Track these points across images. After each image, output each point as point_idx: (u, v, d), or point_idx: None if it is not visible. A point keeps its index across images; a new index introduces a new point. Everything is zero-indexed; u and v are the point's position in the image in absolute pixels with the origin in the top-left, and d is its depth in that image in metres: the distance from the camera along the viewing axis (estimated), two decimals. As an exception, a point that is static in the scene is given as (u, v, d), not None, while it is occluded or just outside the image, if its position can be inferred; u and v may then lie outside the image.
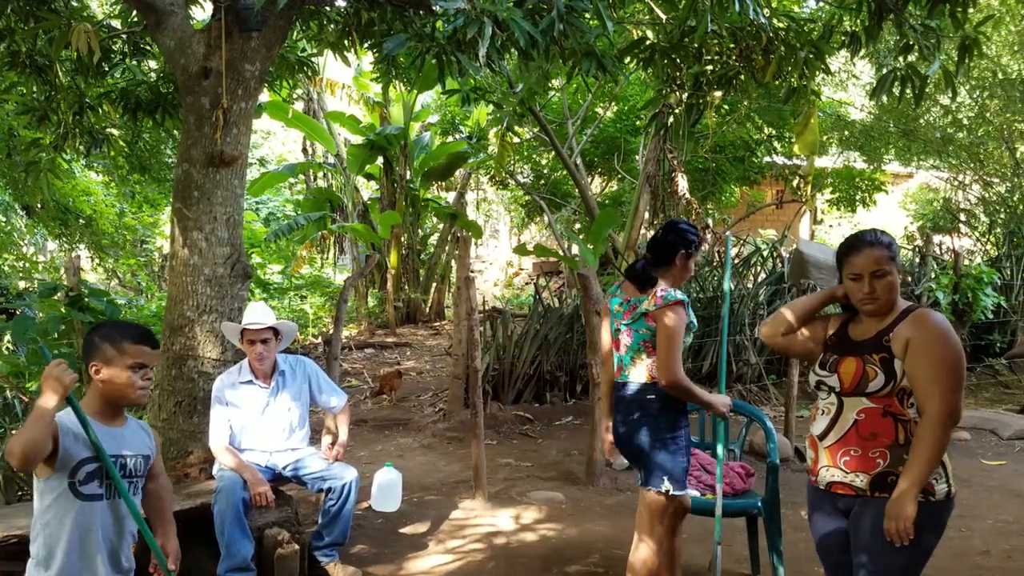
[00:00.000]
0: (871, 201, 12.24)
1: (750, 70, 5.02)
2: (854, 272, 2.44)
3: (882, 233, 2.51)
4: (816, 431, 2.49)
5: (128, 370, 2.30)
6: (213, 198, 4.26)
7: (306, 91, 13.75)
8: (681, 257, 3.26)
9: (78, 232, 12.38)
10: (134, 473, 2.39)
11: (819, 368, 2.53)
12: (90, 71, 5.45)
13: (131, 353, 2.30)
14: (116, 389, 2.32)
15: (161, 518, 2.56)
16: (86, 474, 2.25)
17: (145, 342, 2.34)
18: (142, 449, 2.44)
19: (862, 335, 2.51)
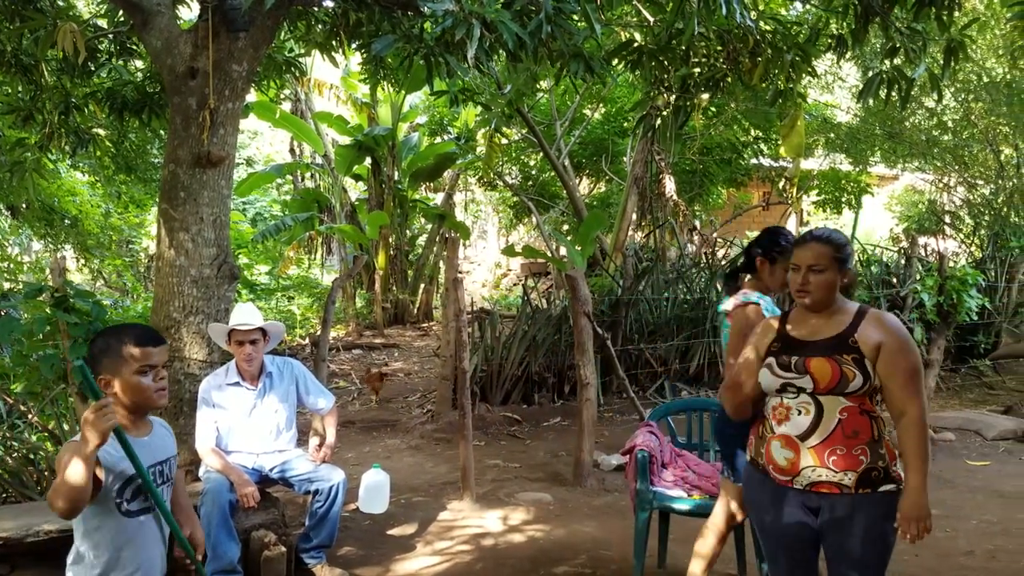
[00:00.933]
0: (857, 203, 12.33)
1: (737, 72, 5.05)
2: (794, 263, 2.56)
3: (837, 233, 2.59)
4: (794, 432, 2.47)
5: (138, 375, 2.21)
6: (200, 199, 4.24)
7: (294, 91, 13.72)
8: (760, 263, 3.24)
9: (63, 233, 12.30)
10: (169, 476, 2.37)
11: (781, 370, 2.50)
12: (76, 71, 5.42)
13: (136, 357, 2.21)
14: (133, 396, 2.24)
15: (183, 510, 2.56)
16: (131, 492, 2.22)
17: (148, 342, 2.25)
18: (171, 450, 2.42)
19: (814, 334, 2.53)
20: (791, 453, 2.47)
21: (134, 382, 2.21)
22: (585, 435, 5.65)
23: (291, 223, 13.46)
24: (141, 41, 4.79)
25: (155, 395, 2.26)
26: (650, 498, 3.75)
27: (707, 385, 8.34)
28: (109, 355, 2.21)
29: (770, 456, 2.52)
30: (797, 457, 2.46)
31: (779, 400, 2.52)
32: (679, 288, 8.80)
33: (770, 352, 2.57)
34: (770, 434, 2.53)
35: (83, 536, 2.22)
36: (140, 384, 2.22)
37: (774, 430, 2.52)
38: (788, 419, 2.49)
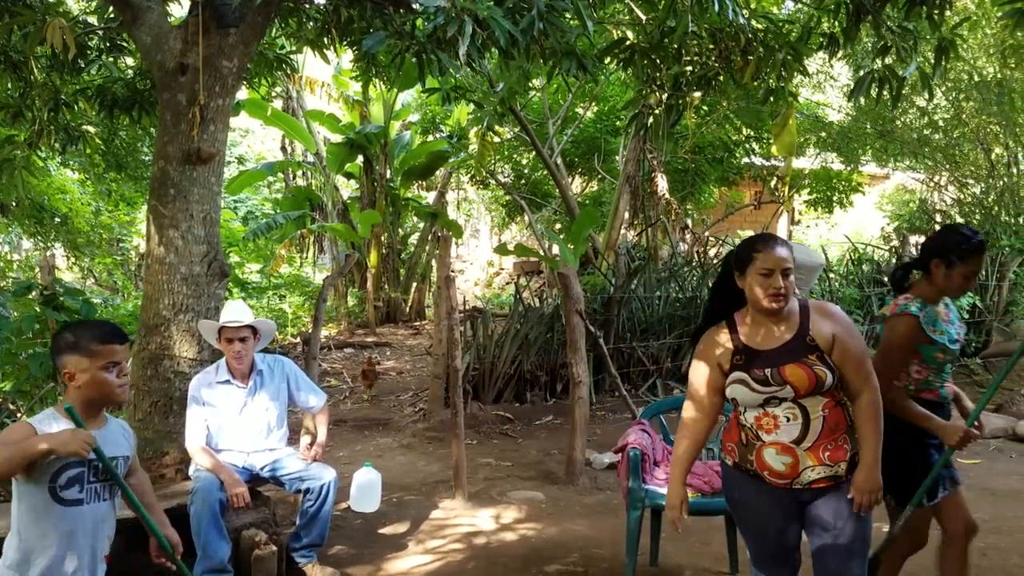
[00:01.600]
0: (848, 202, 12.36)
1: (729, 71, 5.05)
2: (767, 267, 2.47)
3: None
4: (787, 438, 2.48)
5: (102, 371, 2.25)
6: (190, 196, 4.22)
7: (285, 89, 13.69)
8: (935, 265, 2.93)
9: (53, 231, 12.23)
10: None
11: (759, 386, 2.49)
12: (65, 67, 5.39)
13: (102, 354, 2.24)
14: (95, 393, 2.27)
15: (152, 511, 2.55)
16: (67, 479, 2.21)
17: (113, 340, 2.28)
18: (124, 450, 2.41)
19: (773, 341, 2.54)
20: (789, 458, 2.49)
21: (99, 378, 2.24)
22: (577, 433, 5.64)
23: (282, 221, 13.41)
24: (131, 37, 4.76)
25: (117, 391, 2.29)
26: (642, 496, 3.74)
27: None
28: (74, 350, 2.24)
29: (764, 463, 2.52)
30: (796, 461, 2.48)
31: (762, 411, 2.51)
32: (671, 286, 8.81)
33: (735, 367, 2.55)
34: (759, 442, 2.53)
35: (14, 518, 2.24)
36: (104, 380, 2.25)
37: (762, 438, 2.52)
38: (778, 427, 2.49)
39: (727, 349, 2.58)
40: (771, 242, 2.52)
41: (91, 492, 2.27)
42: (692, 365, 2.71)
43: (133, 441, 2.52)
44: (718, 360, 2.59)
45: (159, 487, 4.01)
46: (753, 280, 2.49)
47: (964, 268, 2.87)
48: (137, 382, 4.23)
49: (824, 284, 8.71)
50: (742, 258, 2.53)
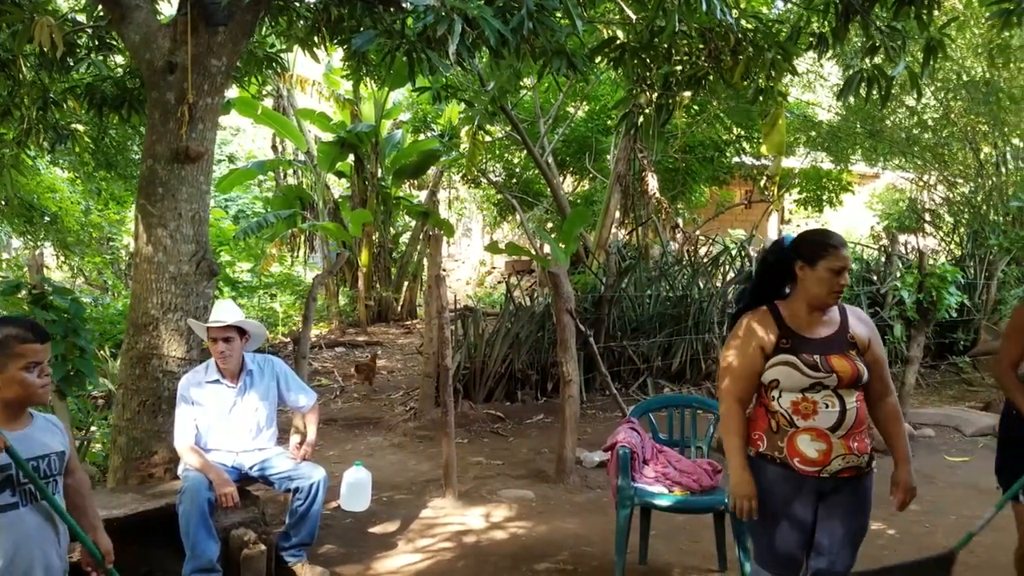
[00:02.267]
0: (838, 201, 12.40)
1: (719, 71, 5.07)
2: (840, 266, 2.58)
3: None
4: (824, 424, 2.57)
5: (23, 371, 2.17)
6: (178, 194, 4.20)
7: (276, 88, 13.65)
8: None
9: (43, 229, 12.17)
10: (49, 473, 2.26)
11: (809, 370, 2.57)
12: (54, 66, 5.36)
13: (22, 354, 2.17)
14: (15, 394, 2.18)
15: (85, 514, 2.43)
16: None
17: (33, 339, 2.20)
18: (55, 446, 2.30)
19: (820, 333, 2.65)
20: (823, 445, 2.57)
21: (19, 378, 2.17)
22: (568, 432, 5.65)
23: (273, 220, 13.37)
24: (119, 36, 4.74)
25: (40, 391, 2.22)
26: (631, 494, 3.75)
27: (689, 382, 8.37)
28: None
29: (796, 449, 2.59)
30: (829, 448, 2.57)
31: (802, 396, 2.58)
32: (662, 286, 8.83)
33: (782, 349, 2.62)
34: (792, 428, 2.59)
35: None
36: (25, 380, 2.18)
37: (797, 424, 2.59)
38: (816, 413, 2.57)
39: (773, 332, 2.64)
40: (841, 241, 2.66)
41: (25, 494, 2.18)
42: (734, 348, 2.71)
43: (67, 437, 2.42)
44: (761, 343, 2.64)
45: (148, 486, 4.02)
46: (822, 274, 2.59)
47: None
48: (125, 381, 4.22)
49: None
50: (815, 252, 2.61)
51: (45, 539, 2.22)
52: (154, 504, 3.73)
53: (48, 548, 2.23)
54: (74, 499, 2.38)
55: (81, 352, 4.75)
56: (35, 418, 2.31)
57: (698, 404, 4.35)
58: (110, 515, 3.55)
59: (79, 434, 5.52)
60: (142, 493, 3.89)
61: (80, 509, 2.39)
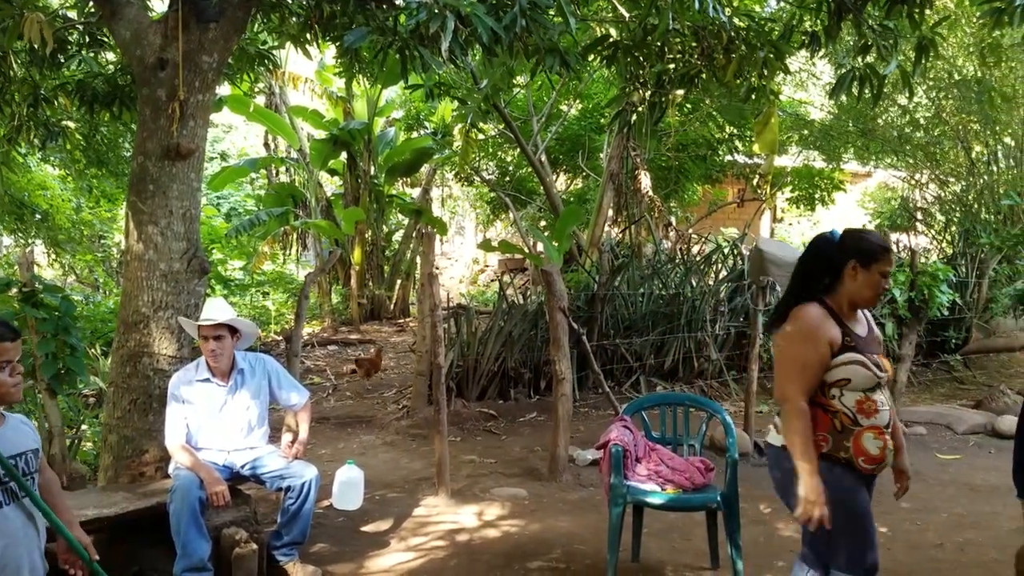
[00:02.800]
0: (830, 200, 12.43)
1: (711, 69, 5.08)
2: (889, 270, 2.68)
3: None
4: (882, 423, 2.63)
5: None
6: (169, 192, 4.18)
7: (268, 85, 13.59)
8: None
9: (34, 227, 12.09)
10: (28, 471, 2.25)
11: (876, 369, 2.63)
12: (44, 62, 5.32)
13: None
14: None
15: (59, 509, 2.40)
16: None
17: (4, 339, 2.17)
18: (29, 444, 2.29)
19: (860, 331, 2.74)
20: (882, 442, 2.64)
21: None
22: (560, 430, 5.65)
23: (265, 218, 13.31)
24: (110, 32, 4.71)
25: (11, 391, 2.18)
26: (624, 492, 3.75)
27: (682, 380, 8.37)
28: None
29: (861, 448, 2.62)
30: (886, 445, 2.64)
31: (864, 395, 2.63)
32: (654, 284, 8.83)
33: (847, 348, 2.64)
34: (856, 427, 2.62)
35: None
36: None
37: (861, 423, 2.62)
38: (878, 412, 2.64)
39: (837, 329, 2.65)
40: (891, 247, 2.74)
41: (8, 493, 2.16)
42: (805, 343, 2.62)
43: (38, 434, 2.41)
44: (831, 339, 2.64)
45: (139, 485, 4.00)
46: (875, 277, 2.65)
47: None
48: (116, 379, 4.20)
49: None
50: (872, 255, 2.64)
51: (28, 538, 2.21)
52: (145, 503, 3.72)
53: (31, 547, 2.22)
54: (46, 497, 2.34)
55: (72, 350, 4.72)
56: (7, 417, 2.28)
57: (691, 402, 4.36)
58: (100, 514, 3.54)
59: (70, 432, 5.48)
60: (133, 492, 3.87)
61: (54, 507, 2.36)
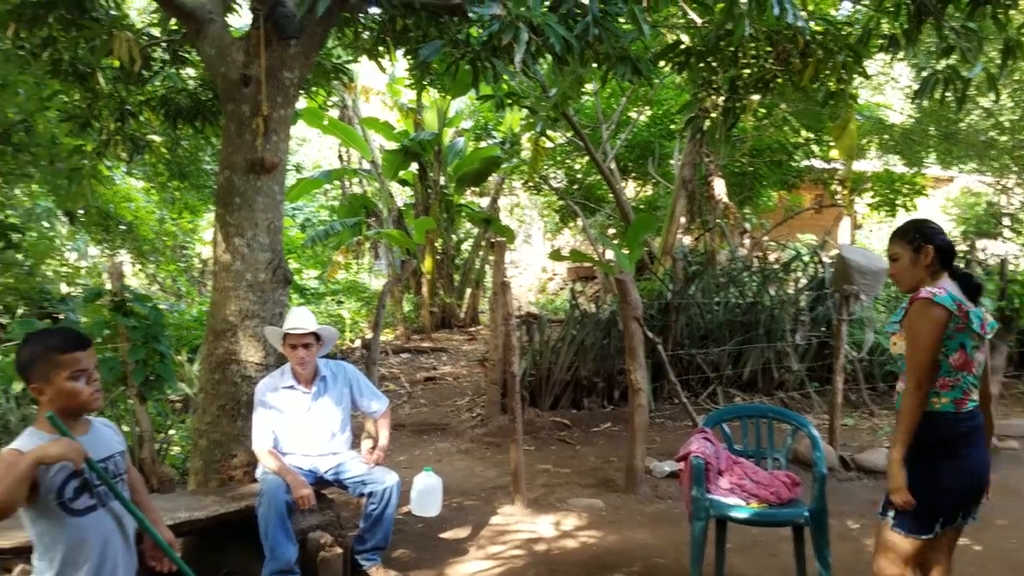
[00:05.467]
0: (912, 205, 12.02)
1: (787, 74, 4.99)
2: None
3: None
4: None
5: (69, 381, 2.17)
6: (254, 204, 4.30)
7: (341, 99, 13.89)
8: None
9: (119, 238, 12.58)
10: (116, 473, 2.32)
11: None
12: (131, 79, 5.53)
13: (65, 364, 2.17)
14: (66, 402, 2.20)
15: (145, 509, 2.47)
16: (74, 490, 2.17)
17: (76, 348, 2.20)
18: (115, 447, 2.36)
19: None
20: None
21: (67, 388, 2.17)
22: (637, 441, 5.58)
23: (339, 228, 13.61)
24: (195, 49, 4.88)
25: (90, 399, 2.22)
26: (706, 506, 3.68)
27: (760, 391, 8.17)
28: (37, 363, 2.17)
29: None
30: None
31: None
32: (730, 292, 8.67)
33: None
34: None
35: (36, 545, 2.20)
36: (74, 389, 2.18)
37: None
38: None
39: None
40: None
41: (99, 496, 2.24)
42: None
43: (122, 436, 2.47)
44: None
45: (228, 489, 4.10)
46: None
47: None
48: (206, 386, 4.33)
49: (889, 289, 8.47)
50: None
51: (121, 538, 2.30)
52: (234, 506, 3.81)
53: (123, 547, 2.30)
54: (133, 497, 2.42)
55: (161, 357, 4.90)
56: (93, 423, 2.36)
57: (774, 414, 4.24)
58: (192, 516, 3.65)
59: (159, 437, 5.67)
60: (222, 495, 3.98)
61: (140, 506, 2.43)
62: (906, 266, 2.86)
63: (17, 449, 2.08)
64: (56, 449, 2.03)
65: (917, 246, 2.84)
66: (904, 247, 2.87)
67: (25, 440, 2.15)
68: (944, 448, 2.72)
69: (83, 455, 2.09)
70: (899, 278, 2.92)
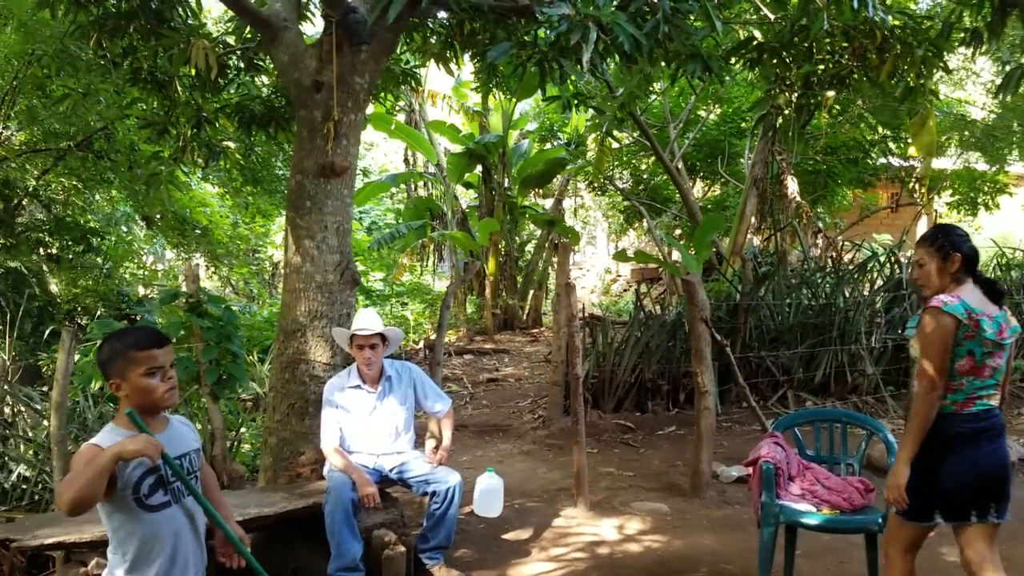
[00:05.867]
0: (994, 204, 11.55)
1: (864, 69, 4.84)
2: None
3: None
4: None
5: (145, 377, 2.21)
6: (324, 207, 4.38)
7: (408, 103, 14.07)
8: None
9: (194, 242, 13.00)
10: (191, 470, 2.36)
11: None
12: (207, 86, 5.69)
13: (141, 361, 2.20)
14: (142, 398, 2.23)
15: (218, 505, 2.52)
16: (149, 486, 2.21)
17: (152, 345, 2.23)
18: (191, 445, 2.40)
19: None
20: None
21: (143, 384, 2.21)
22: (703, 445, 5.49)
23: (405, 231, 13.79)
24: (269, 56, 4.98)
25: (165, 395, 2.25)
26: (776, 512, 3.60)
27: (833, 396, 7.94)
28: (116, 360, 2.21)
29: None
30: None
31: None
32: (803, 293, 8.44)
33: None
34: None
35: (111, 539, 2.24)
36: (149, 386, 2.22)
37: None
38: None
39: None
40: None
41: (173, 492, 2.28)
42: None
43: (197, 433, 2.51)
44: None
45: (296, 486, 4.19)
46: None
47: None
48: (276, 385, 4.42)
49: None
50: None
51: (192, 534, 2.34)
52: (303, 503, 3.88)
53: (194, 543, 2.34)
54: (206, 494, 2.45)
55: (233, 357, 5.02)
56: (171, 420, 2.41)
57: (847, 419, 4.12)
58: (261, 512, 3.73)
59: (230, 435, 5.82)
60: (291, 492, 4.06)
61: (213, 502, 2.47)
62: (932, 272, 2.95)
63: (96, 444, 2.13)
64: (135, 445, 2.07)
65: (945, 253, 2.92)
66: (932, 254, 2.95)
67: (104, 436, 2.21)
68: (943, 447, 2.85)
69: (160, 451, 2.13)
70: (925, 283, 3.00)
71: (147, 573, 2.22)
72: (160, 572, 2.23)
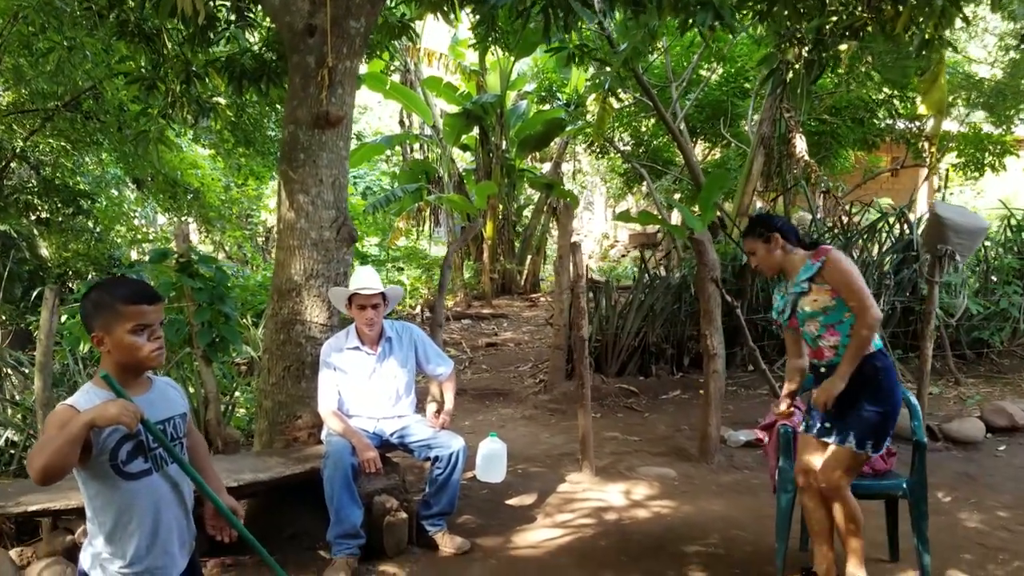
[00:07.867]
0: (1000, 165, 11.33)
1: (879, 21, 4.62)
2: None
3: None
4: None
5: (131, 335, 2.02)
6: (319, 160, 4.17)
7: (403, 62, 13.75)
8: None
9: (186, 205, 12.74)
10: (176, 436, 2.17)
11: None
12: (196, 39, 5.45)
13: (128, 315, 2.01)
14: (125, 356, 2.04)
15: (207, 475, 2.33)
16: (127, 453, 2.03)
17: (142, 300, 2.04)
18: (177, 409, 2.21)
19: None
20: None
21: (127, 341, 2.02)
22: (712, 409, 5.35)
23: (400, 194, 13.54)
24: (259, 1, 4.74)
25: (150, 355, 2.06)
26: (793, 477, 3.45)
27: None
28: (101, 311, 2.03)
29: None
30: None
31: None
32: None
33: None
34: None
35: (88, 508, 2.07)
36: (134, 343, 2.03)
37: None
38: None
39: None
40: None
41: (156, 459, 2.10)
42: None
43: (186, 398, 2.32)
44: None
45: (293, 450, 4.03)
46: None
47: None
48: (270, 346, 4.24)
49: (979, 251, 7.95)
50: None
51: (178, 504, 2.16)
52: (300, 468, 3.73)
53: (180, 513, 2.17)
54: (194, 462, 2.27)
55: (226, 319, 4.84)
56: (155, 381, 2.21)
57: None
58: (257, 478, 3.58)
59: (224, 399, 5.66)
60: (287, 457, 3.90)
61: (201, 471, 2.28)
62: (764, 255, 3.31)
63: (72, 405, 1.95)
64: (111, 410, 1.88)
65: (766, 237, 3.29)
66: (755, 242, 3.33)
67: (81, 396, 2.02)
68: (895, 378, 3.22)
69: (138, 417, 1.93)
70: (765, 267, 3.36)
71: (127, 544, 2.05)
72: (141, 544, 2.05)
